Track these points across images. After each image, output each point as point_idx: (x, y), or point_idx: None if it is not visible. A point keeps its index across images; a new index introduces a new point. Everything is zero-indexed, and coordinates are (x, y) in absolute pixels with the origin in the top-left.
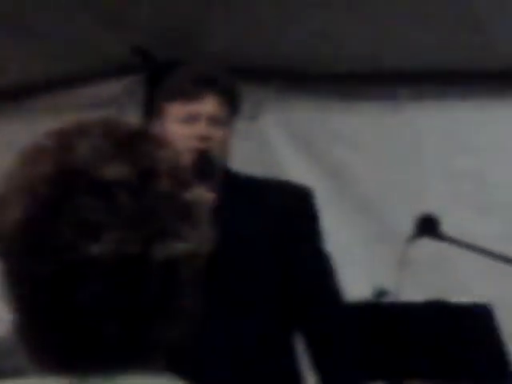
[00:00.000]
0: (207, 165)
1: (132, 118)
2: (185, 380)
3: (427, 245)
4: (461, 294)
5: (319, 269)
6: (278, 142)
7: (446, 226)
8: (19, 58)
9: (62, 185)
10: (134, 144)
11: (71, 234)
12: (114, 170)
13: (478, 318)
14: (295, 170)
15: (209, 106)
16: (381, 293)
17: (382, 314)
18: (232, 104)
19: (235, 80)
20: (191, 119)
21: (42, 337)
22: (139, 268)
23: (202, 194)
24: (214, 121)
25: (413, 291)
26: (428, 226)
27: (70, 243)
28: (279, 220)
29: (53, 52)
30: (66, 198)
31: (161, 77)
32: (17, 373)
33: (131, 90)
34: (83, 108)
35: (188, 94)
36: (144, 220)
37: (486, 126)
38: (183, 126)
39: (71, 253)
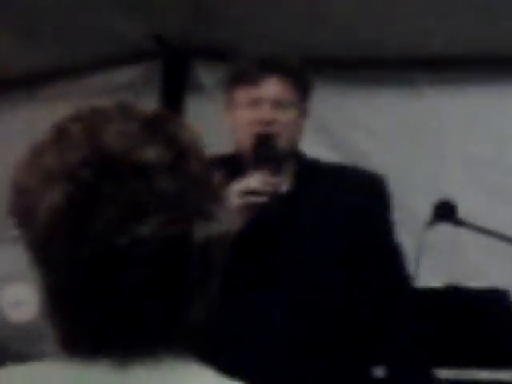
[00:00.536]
0: (267, 149)
1: (148, 104)
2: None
3: (445, 230)
4: (477, 279)
5: (391, 260)
6: None
7: (464, 212)
8: (33, 46)
9: (102, 169)
10: (160, 126)
11: (115, 218)
12: (151, 153)
13: (495, 302)
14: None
15: (271, 89)
16: None
17: None
18: (299, 86)
19: (301, 62)
20: (254, 104)
21: (79, 320)
22: (181, 249)
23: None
24: (278, 104)
25: (430, 276)
26: (446, 212)
27: (113, 227)
28: (352, 206)
29: (67, 39)
30: (107, 182)
31: (177, 63)
32: (44, 357)
33: (147, 77)
34: (98, 94)
35: (249, 78)
36: (183, 201)
37: (505, 112)
38: (247, 111)
39: (115, 236)
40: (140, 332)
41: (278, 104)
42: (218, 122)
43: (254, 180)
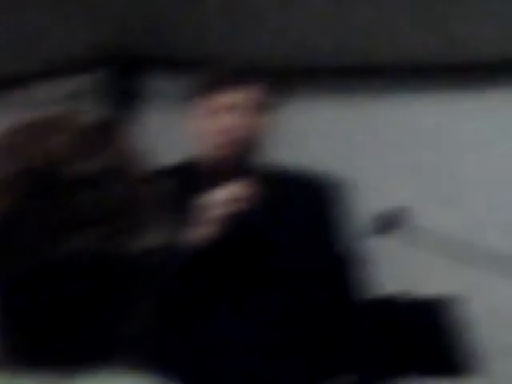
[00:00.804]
0: (239, 158)
1: (98, 112)
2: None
3: (393, 238)
4: (425, 287)
5: (343, 270)
6: None
7: (412, 220)
8: None
9: (42, 179)
10: (102, 136)
11: (53, 230)
12: (91, 164)
13: (442, 310)
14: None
15: (232, 97)
16: None
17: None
18: (266, 95)
19: (262, 70)
20: (216, 112)
21: (17, 332)
22: (118, 261)
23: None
24: (238, 111)
25: (379, 285)
26: (394, 220)
27: (51, 239)
28: (308, 214)
29: (16, 47)
30: (46, 193)
31: (126, 72)
32: None
33: (98, 85)
34: (48, 103)
35: (220, 87)
36: (121, 213)
37: (449, 121)
38: (209, 119)
39: (46, 251)
40: (76, 344)
41: (238, 111)
42: (169, 130)
43: (236, 189)
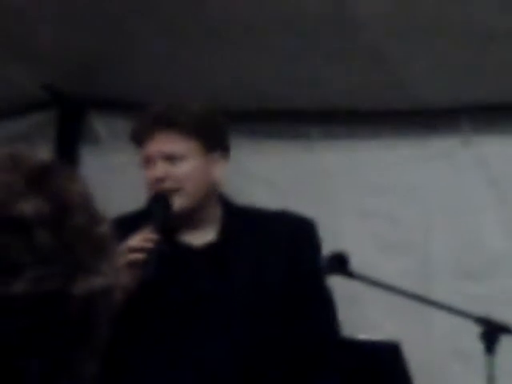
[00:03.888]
0: (156, 204)
1: (43, 154)
2: None
3: (337, 282)
4: (369, 332)
5: (321, 308)
6: None
7: (356, 264)
8: None
9: None
10: (45, 178)
11: None
12: (30, 206)
13: (386, 355)
14: None
15: (161, 144)
16: None
17: None
18: (196, 137)
19: (199, 112)
20: (148, 162)
21: None
22: (59, 304)
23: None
24: (170, 158)
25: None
26: (338, 264)
27: None
28: (282, 253)
29: None
30: None
31: (72, 114)
32: None
33: (42, 127)
34: None
35: (140, 137)
36: (62, 256)
37: (394, 166)
38: (145, 169)
39: None
40: None
41: (170, 158)
42: (113, 173)
43: (134, 238)
